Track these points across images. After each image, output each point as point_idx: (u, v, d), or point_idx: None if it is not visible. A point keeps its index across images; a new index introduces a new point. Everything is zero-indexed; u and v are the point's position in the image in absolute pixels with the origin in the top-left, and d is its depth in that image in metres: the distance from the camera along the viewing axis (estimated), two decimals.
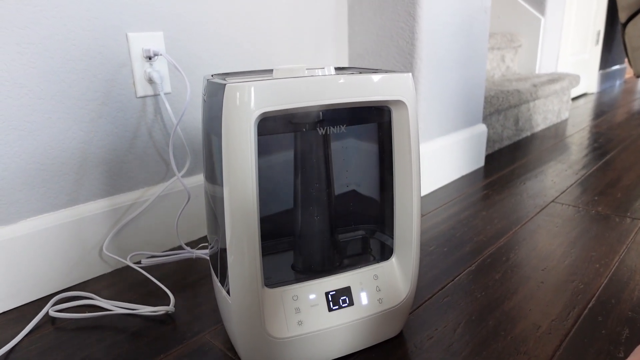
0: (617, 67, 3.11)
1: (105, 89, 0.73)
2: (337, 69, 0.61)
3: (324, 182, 0.55)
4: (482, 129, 1.31)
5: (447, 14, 1.06)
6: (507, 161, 1.39)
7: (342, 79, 0.48)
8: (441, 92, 1.11)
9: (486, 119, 1.40)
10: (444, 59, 1.09)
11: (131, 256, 0.80)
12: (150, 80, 0.77)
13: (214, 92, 0.47)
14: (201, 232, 0.91)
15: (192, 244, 0.88)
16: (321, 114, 0.51)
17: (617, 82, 3.17)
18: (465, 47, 1.16)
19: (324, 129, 0.52)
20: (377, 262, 0.58)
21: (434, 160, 1.13)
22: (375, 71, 0.53)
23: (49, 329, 0.64)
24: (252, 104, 0.44)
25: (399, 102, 0.51)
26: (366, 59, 1.09)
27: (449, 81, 1.13)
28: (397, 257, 0.58)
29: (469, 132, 1.25)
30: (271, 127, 0.50)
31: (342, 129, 0.53)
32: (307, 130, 0.52)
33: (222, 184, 0.46)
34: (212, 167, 0.50)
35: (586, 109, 2.23)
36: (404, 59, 1.03)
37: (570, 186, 1.15)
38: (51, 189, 0.71)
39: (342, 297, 0.54)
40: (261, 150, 0.50)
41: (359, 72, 0.51)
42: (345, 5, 1.08)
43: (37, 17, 0.64)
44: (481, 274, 0.75)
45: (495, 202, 1.06)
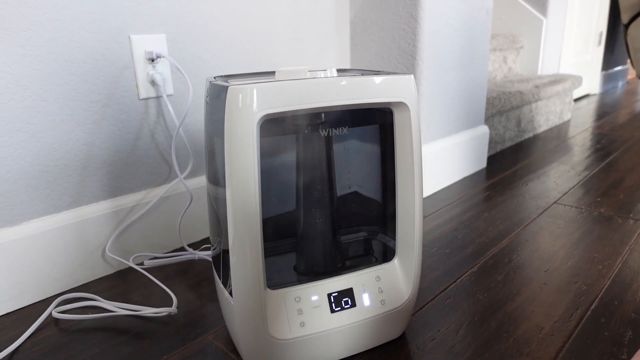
0: (619, 68, 3.10)
1: (108, 91, 0.74)
2: (339, 70, 0.61)
3: (326, 183, 0.55)
4: (484, 130, 1.30)
5: (448, 15, 1.06)
6: (509, 162, 1.39)
7: (344, 80, 0.48)
8: (443, 93, 1.11)
9: (488, 120, 1.39)
10: (446, 60, 1.09)
11: (134, 257, 0.80)
12: (152, 82, 0.78)
13: (217, 94, 0.47)
14: (203, 233, 0.91)
15: (195, 246, 0.88)
16: (323, 115, 0.52)
17: (620, 83, 3.17)
18: (467, 48, 1.16)
19: (326, 130, 0.52)
20: (379, 263, 0.58)
21: (436, 161, 1.13)
22: (377, 73, 0.53)
23: (52, 330, 0.64)
24: (255, 105, 0.44)
25: (401, 104, 0.52)
26: (368, 61, 1.09)
27: (451, 82, 1.13)
28: (399, 259, 0.58)
29: (471, 133, 1.25)
30: (273, 128, 0.50)
31: (344, 130, 0.53)
32: (309, 132, 0.52)
33: (224, 186, 0.46)
34: (215, 169, 0.50)
35: (588, 110, 2.23)
36: (405, 61, 1.03)
37: (572, 187, 1.15)
38: (54, 190, 0.71)
39: (344, 299, 0.54)
40: (263, 151, 0.50)
41: (361, 74, 0.52)
42: (347, 7, 1.08)
43: (40, 19, 0.65)
44: (483, 276, 0.75)
45: (497, 203, 1.06)
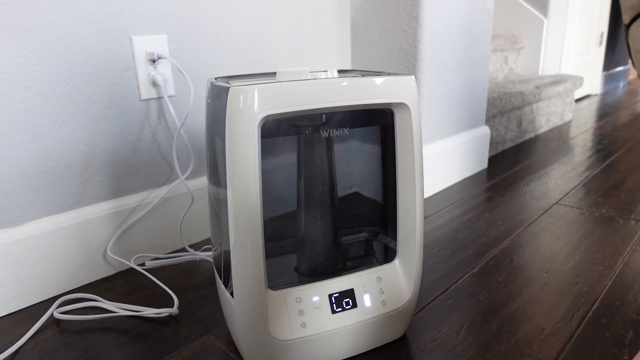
0: (620, 68, 3.10)
1: (109, 92, 0.74)
2: (340, 71, 0.61)
3: (327, 184, 0.55)
4: (485, 130, 1.30)
5: (449, 16, 1.06)
6: (510, 163, 1.39)
7: (345, 81, 0.48)
8: (444, 94, 1.11)
9: (489, 120, 1.39)
10: (447, 60, 1.09)
11: (135, 258, 0.80)
12: (154, 83, 0.78)
13: (218, 95, 0.47)
14: (205, 234, 0.91)
15: (196, 246, 0.88)
16: (324, 116, 0.52)
17: (621, 84, 3.16)
18: (468, 48, 1.16)
19: (327, 131, 0.52)
20: (381, 264, 0.58)
21: (437, 162, 1.13)
22: (378, 74, 0.53)
23: (53, 330, 0.64)
24: (256, 106, 0.44)
25: (401, 105, 0.52)
26: (369, 61, 1.10)
27: (451, 83, 1.13)
28: (400, 259, 0.58)
29: (472, 134, 1.25)
30: (274, 129, 0.50)
31: (345, 131, 0.53)
32: (310, 132, 0.52)
33: (225, 187, 0.46)
34: (216, 170, 0.50)
35: (590, 111, 2.23)
36: (406, 61, 1.03)
37: (574, 188, 1.15)
38: (56, 191, 0.71)
39: (345, 299, 0.54)
40: (264, 152, 0.50)
41: (362, 75, 0.52)
42: (348, 7, 1.08)
43: (42, 21, 0.65)
44: (484, 276, 0.75)
45: (498, 204, 1.06)
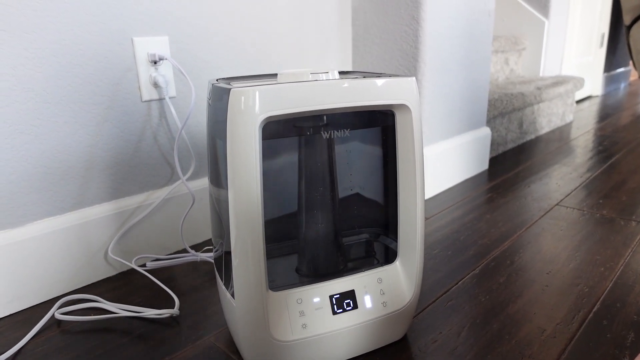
0: (621, 69, 3.10)
1: (111, 93, 0.74)
2: (341, 73, 0.61)
3: (328, 185, 0.55)
4: (486, 132, 1.30)
5: (450, 17, 1.06)
6: (511, 164, 1.39)
7: (346, 83, 0.48)
8: (445, 95, 1.11)
9: (490, 122, 1.39)
10: (448, 62, 1.09)
11: (136, 259, 0.81)
12: (155, 84, 0.78)
13: (219, 97, 0.47)
14: (205, 235, 0.91)
15: (197, 247, 0.88)
16: (325, 118, 0.52)
17: (622, 85, 3.16)
18: (469, 50, 1.16)
19: (328, 132, 0.52)
20: (381, 265, 0.58)
21: (438, 163, 1.13)
22: (379, 75, 0.53)
23: (54, 331, 0.64)
24: (257, 108, 0.44)
25: (402, 106, 0.52)
26: (370, 63, 1.10)
27: (452, 84, 1.13)
28: (401, 261, 0.58)
29: (473, 135, 1.25)
30: (275, 131, 0.50)
31: (346, 132, 0.53)
32: (311, 134, 0.52)
33: (226, 188, 0.46)
34: (217, 171, 0.50)
35: (591, 112, 2.23)
36: (407, 63, 1.03)
37: (575, 189, 1.15)
38: (57, 192, 0.72)
39: (346, 301, 0.54)
40: (266, 154, 0.50)
41: (363, 77, 0.52)
42: (349, 9, 1.08)
43: (44, 22, 0.65)
44: (485, 278, 0.75)
45: (499, 205, 1.06)
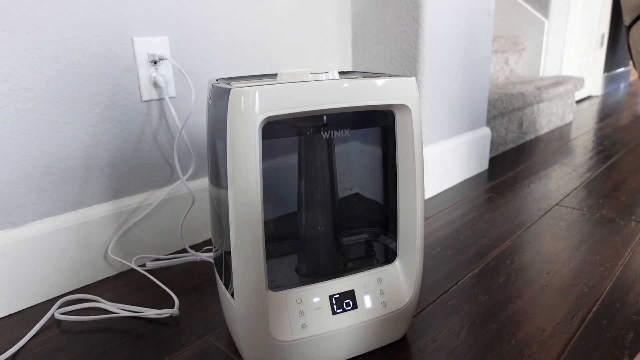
0: (621, 69, 3.10)
1: (111, 93, 0.74)
2: (340, 73, 0.61)
3: (327, 185, 0.55)
4: (486, 132, 1.31)
5: (450, 18, 1.06)
6: (511, 164, 1.39)
7: (346, 83, 0.48)
8: (445, 95, 1.11)
9: (490, 122, 1.39)
10: (448, 62, 1.09)
11: (136, 259, 0.81)
12: (155, 84, 0.78)
13: (219, 97, 0.47)
14: (205, 235, 0.91)
15: (197, 247, 0.88)
16: (325, 117, 0.52)
17: (622, 85, 3.16)
18: (469, 50, 1.16)
19: (328, 132, 0.52)
20: (381, 265, 0.58)
21: (437, 163, 1.13)
22: (379, 75, 0.53)
23: (54, 331, 0.64)
24: (257, 108, 0.44)
25: (402, 106, 0.52)
26: (370, 63, 1.10)
27: (452, 84, 1.13)
28: (400, 261, 0.58)
29: (473, 135, 1.25)
30: (275, 131, 0.50)
31: (346, 132, 0.53)
32: (311, 134, 0.52)
33: (226, 188, 0.46)
34: (217, 171, 0.50)
35: (591, 112, 2.23)
36: (407, 63, 1.03)
37: (574, 189, 1.15)
38: (57, 192, 0.72)
39: (345, 300, 0.54)
40: (265, 154, 0.50)
41: (363, 77, 0.52)
42: (349, 9, 1.08)
43: (44, 22, 0.65)
44: (485, 278, 0.75)
45: (499, 205, 1.06)
